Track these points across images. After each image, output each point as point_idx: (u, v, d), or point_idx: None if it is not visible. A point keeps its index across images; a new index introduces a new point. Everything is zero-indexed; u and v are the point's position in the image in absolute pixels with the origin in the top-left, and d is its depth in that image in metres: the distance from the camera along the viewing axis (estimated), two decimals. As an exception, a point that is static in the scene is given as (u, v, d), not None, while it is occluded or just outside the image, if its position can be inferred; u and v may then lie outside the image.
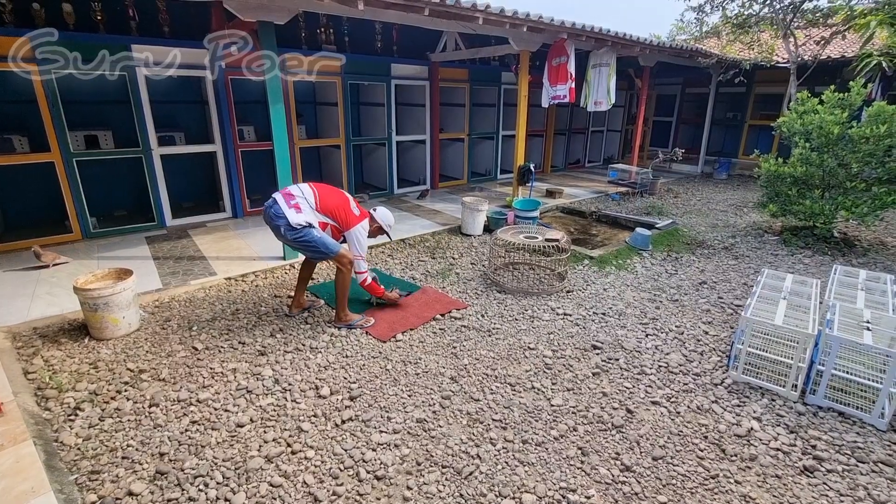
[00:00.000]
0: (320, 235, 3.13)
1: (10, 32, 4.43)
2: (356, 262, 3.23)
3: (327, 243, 3.14)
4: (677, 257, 4.91)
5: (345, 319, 3.33)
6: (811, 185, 5.35)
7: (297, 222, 3.06)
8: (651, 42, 7.37)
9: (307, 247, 3.14)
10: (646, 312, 3.62)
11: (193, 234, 5.34)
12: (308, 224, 3.09)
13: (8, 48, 4.43)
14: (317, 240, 3.10)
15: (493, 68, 8.55)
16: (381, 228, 3.49)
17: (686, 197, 8.00)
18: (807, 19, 8.37)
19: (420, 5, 4.46)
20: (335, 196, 3.26)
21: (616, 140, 12.34)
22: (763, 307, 2.91)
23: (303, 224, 3.06)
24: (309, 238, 3.09)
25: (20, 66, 4.47)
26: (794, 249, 5.18)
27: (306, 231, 3.08)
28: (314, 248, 3.12)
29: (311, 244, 3.11)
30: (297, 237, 3.09)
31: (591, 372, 2.80)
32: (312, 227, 3.11)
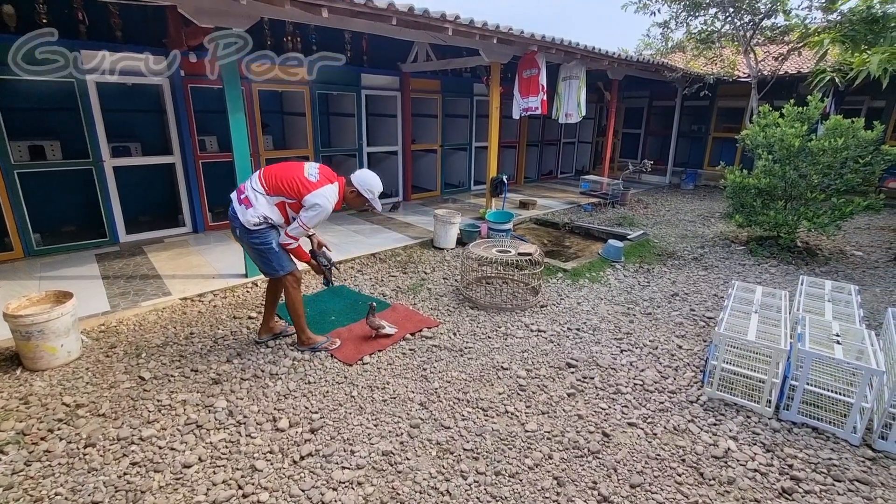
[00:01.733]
0: (278, 248, 2.84)
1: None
2: (290, 228, 2.79)
3: (281, 259, 2.87)
4: (649, 269, 4.91)
5: (307, 342, 3.11)
6: (774, 196, 5.47)
7: (250, 221, 2.73)
8: (619, 56, 7.50)
9: (261, 256, 2.84)
10: (620, 327, 3.56)
11: (149, 251, 5.03)
12: (265, 220, 2.75)
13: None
14: (273, 250, 2.82)
15: (466, 80, 8.54)
16: (359, 195, 2.91)
17: (656, 207, 8.12)
18: (765, 36, 8.69)
19: (388, 14, 4.36)
20: (285, 169, 2.83)
21: (587, 151, 12.53)
22: (735, 321, 2.89)
23: (258, 222, 2.74)
24: (266, 244, 2.80)
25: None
26: (761, 259, 5.27)
27: (265, 234, 2.79)
28: (266, 259, 2.84)
29: (265, 253, 2.82)
30: (254, 241, 2.79)
31: (567, 393, 2.70)
32: (273, 227, 2.83)
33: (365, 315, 3.46)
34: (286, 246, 2.83)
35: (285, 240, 2.80)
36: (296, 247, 2.85)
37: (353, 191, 2.89)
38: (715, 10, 8.50)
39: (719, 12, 8.46)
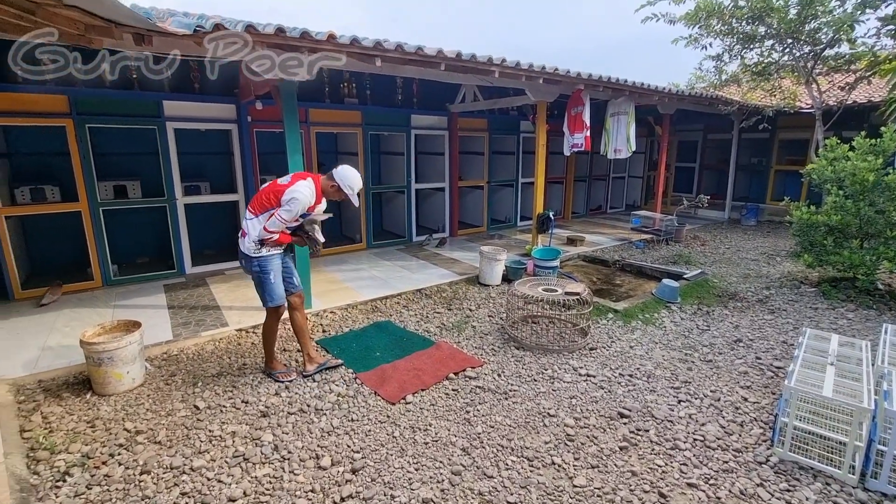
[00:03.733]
0: (275, 280, 3.06)
1: (51, 90, 4.72)
2: (269, 224, 2.93)
3: (273, 291, 3.07)
4: (708, 311, 4.62)
5: (270, 366, 3.30)
6: (848, 234, 5.05)
7: (250, 248, 3.00)
8: (669, 90, 7.38)
9: (258, 283, 3.08)
10: (677, 374, 3.34)
11: (211, 282, 5.35)
12: (258, 246, 2.98)
13: (49, 105, 4.72)
14: (269, 280, 3.04)
15: (512, 117, 8.68)
16: (339, 190, 3.05)
17: (714, 244, 7.71)
18: (829, 66, 8.27)
19: (437, 60, 4.56)
20: (262, 189, 3.08)
21: (638, 186, 12.21)
22: (808, 374, 2.63)
23: (253, 249, 2.99)
24: (265, 272, 3.03)
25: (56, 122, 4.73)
26: (836, 303, 4.82)
27: (265, 262, 3.02)
28: (262, 285, 3.07)
29: (262, 280, 3.04)
30: (255, 269, 3.04)
31: (619, 445, 2.53)
32: (271, 255, 3.03)
33: (410, 351, 3.49)
34: (266, 240, 2.97)
35: (264, 234, 2.94)
36: (277, 238, 2.99)
37: (334, 185, 3.04)
38: (771, 42, 8.22)
39: (776, 44, 8.17)
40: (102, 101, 5.00)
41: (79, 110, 4.84)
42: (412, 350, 3.63)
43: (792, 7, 7.46)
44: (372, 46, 4.07)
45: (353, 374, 3.31)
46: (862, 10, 7.11)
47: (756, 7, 7.65)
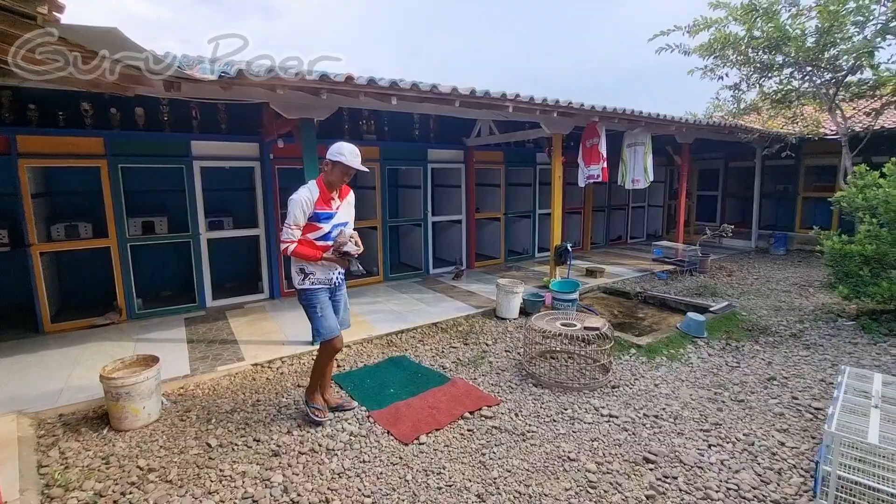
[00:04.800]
0: (321, 312, 2.97)
1: (89, 133, 5.00)
2: (282, 234, 2.90)
3: (321, 324, 2.97)
4: (738, 346, 4.40)
5: (309, 399, 3.19)
6: (886, 263, 4.81)
7: (294, 278, 2.99)
8: (686, 120, 7.35)
9: (308, 316, 3.04)
10: (706, 416, 3.15)
11: (230, 316, 5.41)
12: (300, 277, 2.95)
13: (87, 147, 4.99)
14: (316, 312, 2.97)
15: (528, 150, 8.75)
16: (334, 165, 2.87)
17: (741, 275, 7.45)
18: (852, 92, 8.12)
19: (451, 97, 4.66)
20: None
21: (659, 215, 12.03)
22: (850, 418, 2.44)
23: (296, 280, 2.97)
24: (311, 305, 2.97)
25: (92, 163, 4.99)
26: (877, 337, 4.54)
27: (310, 296, 2.97)
28: (311, 319, 3.02)
29: (310, 313, 3.00)
30: (303, 301, 3.03)
31: (645, 494, 2.37)
32: (315, 289, 2.96)
33: (425, 388, 3.41)
34: (284, 252, 2.87)
35: (281, 246, 2.89)
36: (294, 248, 2.85)
37: (328, 164, 2.90)
38: (790, 70, 8.15)
39: (795, 71, 8.10)
40: (135, 143, 5.27)
41: (113, 151, 5.10)
42: (427, 387, 3.54)
43: (809, 36, 7.43)
44: (388, 86, 4.19)
45: (366, 411, 3.23)
46: (882, 37, 7.02)
47: (772, 37, 7.64)
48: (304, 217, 2.86)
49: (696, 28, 8.69)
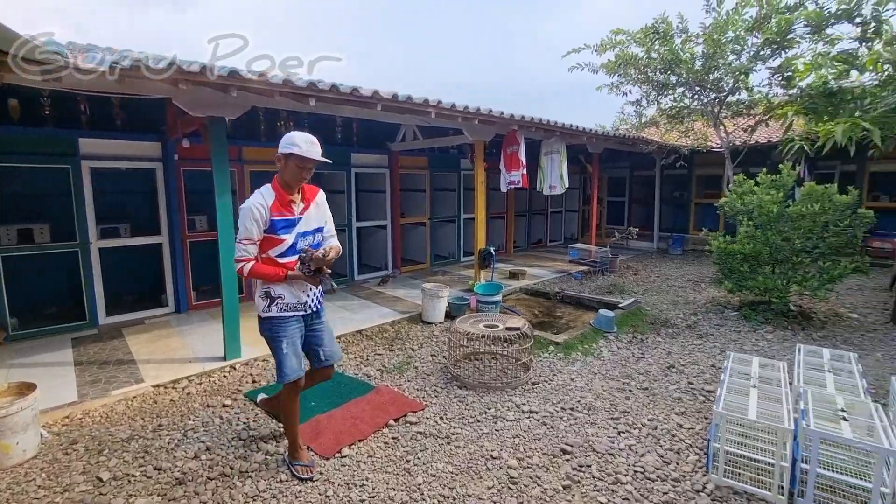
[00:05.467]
0: (287, 348, 2.43)
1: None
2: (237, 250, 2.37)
3: (284, 363, 2.42)
4: (643, 339, 4.79)
5: (294, 457, 2.62)
6: (761, 261, 5.50)
7: (256, 307, 2.50)
8: (596, 131, 7.91)
9: (271, 350, 2.53)
10: (616, 405, 3.38)
11: (128, 333, 4.87)
12: (265, 302, 2.41)
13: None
14: (280, 348, 2.43)
15: (453, 155, 8.90)
16: (287, 160, 2.34)
17: (645, 274, 8.14)
18: (732, 110, 9.26)
19: (373, 101, 4.61)
20: None
21: (575, 220, 12.82)
22: (734, 398, 2.74)
23: (261, 306, 2.45)
24: (274, 338, 2.45)
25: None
26: (756, 325, 5.18)
27: (273, 325, 2.44)
28: (273, 355, 2.50)
29: (272, 348, 2.48)
30: (264, 332, 2.51)
31: (562, 485, 2.48)
32: (282, 317, 2.44)
33: (348, 399, 3.29)
34: (239, 273, 2.36)
35: (237, 266, 2.35)
36: (251, 267, 2.34)
37: (280, 159, 2.36)
38: (682, 89, 9.12)
39: (686, 91, 9.07)
40: (7, 139, 4.58)
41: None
42: (350, 397, 3.44)
43: (697, 59, 8.37)
44: (305, 87, 4.04)
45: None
46: (754, 63, 8.09)
47: (667, 59, 8.50)
48: (259, 229, 2.34)
49: (602, 47, 9.43)
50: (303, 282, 2.44)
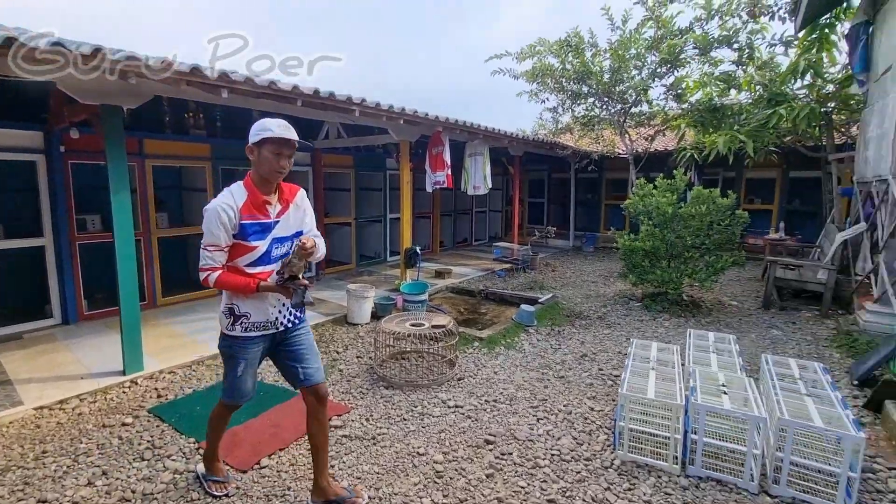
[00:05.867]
0: (242, 370, 2.18)
1: None
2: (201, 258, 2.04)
3: (233, 385, 2.20)
4: (560, 331, 5.10)
5: (207, 468, 2.45)
6: (659, 256, 6.10)
7: (219, 322, 2.19)
8: (516, 135, 8.27)
9: (225, 366, 2.25)
10: (535, 393, 3.57)
11: (2, 350, 4.23)
12: (228, 319, 2.11)
13: None
14: (235, 372, 2.18)
15: (378, 155, 8.82)
16: (259, 150, 2.02)
17: (562, 270, 8.67)
18: (635, 121, 10.17)
19: (292, 96, 4.43)
20: None
21: (498, 219, 13.29)
22: (636, 380, 3.02)
23: (224, 323, 2.14)
24: (231, 355, 2.17)
25: None
26: (655, 314, 5.73)
27: (233, 345, 2.15)
28: (225, 373, 2.24)
29: (225, 365, 2.23)
30: (220, 347, 2.22)
31: (485, 473, 2.57)
32: (246, 337, 2.13)
33: (267, 407, 3.14)
34: (204, 283, 2.02)
35: (201, 275, 2.03)
36: (217, 277, 2.01)
37: (252, 150, 2.04)
38: (593, 99, 9.85)
39: (596, 101, 9.81)
40: None
41: None
42: (270, 405, 3.29)
43: (606, 72, 9.08)
44: (216, 77, 3.79)
45: (195, 443, 2.85)
46: (653, 79, 8.95)
47: (579, 70, 9.14)
48: (227, 234, 1.99)
49: (522, 55, 9.89)
50: (276, 294, 2.11)
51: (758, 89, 8.22)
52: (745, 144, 7.32)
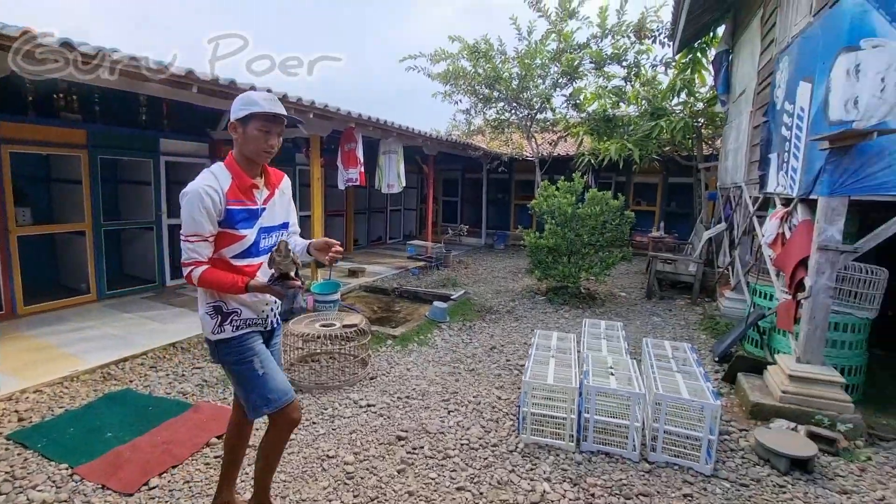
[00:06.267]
0: (263, 367, 1.87)
1: None
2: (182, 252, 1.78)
3: (266, 386, 1.86)
4: (471, 326, 5.29)
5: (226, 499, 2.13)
6: (561, 252, 6.59)
7: (204, 331, 1.90)
8: (430, 135, 8.39)
9: (238, 379, 1.92)
10: (447, 387, 3.67)
11: None
12: (215, 320, 1.84)
13: None
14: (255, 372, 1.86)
15: (287, 149, 8.40)
16: (243, 127, 1.79)
17: (474, 267, 8.98)
18: (541, 126, 10.84)
19: (187, 82, 4.08)
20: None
21: (413, 218, 13.37)
22: (539, 368, 3.25)
23: (210, 326, 1.85)
24: (242, 360, 1.87)
25: None
26: (557, 306, 6.18)
27: (233, 347, 1.86)
28: (245, 383, 1.89)
29: (243, 374, 1.88)
30: (223, 359, 1.91)
31: (396, 470, 2.60)
32: (241, 335, 1.87)
33: (158, 422, 2.87)
34: (188, 280, 1.77)
35: (184, 271, 1.76)
36: (202, 274, 1.75)
37: (236, 127, 1.80)
38: (502, 104, 10.31)
39: (506, 105, 10.29)
40: None
41: None
42: (161, 420, 3.00)
43: (514, 79, 9.55)
44: (94, 54, 3.36)
45: (67, 469, 2.51)
46: (554, 89, 9.61)
47: (489, 76, 9.51)
48: (212, 222, 1.75)
49: (436, 57, 10.06)
50: (265, 293, 1.85)
51: (643, 103, 9.22)
52: (633, 152, 8.17)
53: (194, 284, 1.78)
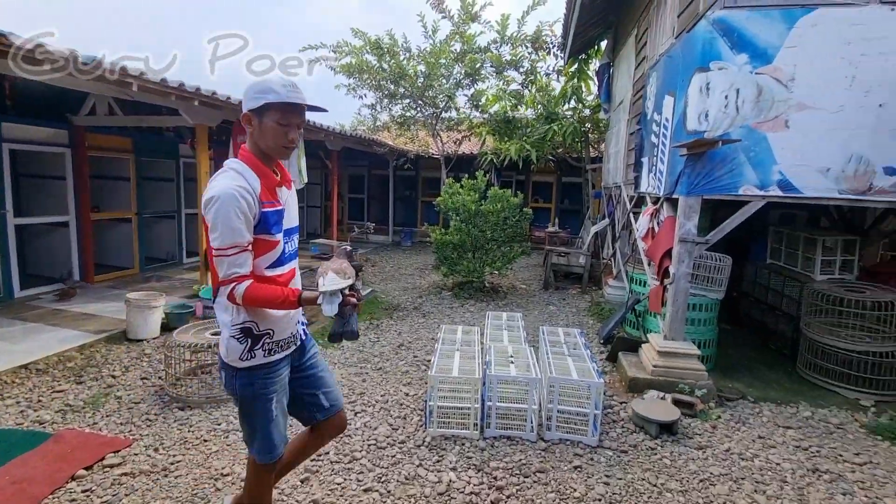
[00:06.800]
0: (276, 410, 1.69)
1: None
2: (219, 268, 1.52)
3: (269, 433, 1.69)
4: (378, 324, 5.24)
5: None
6: (465, 248, 6.80)
7: (225, 356, 1.64)
8: (334, 130, 8.12)
9: (245, 413, 1.71)
10: (354, 388, 3.60)
11: None
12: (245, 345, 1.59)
13: None
14: (268, 414, 1.67)
15: (168, 139, 7.56)
16: (259, 117, 1.53)
17: (381, 265, 8.91)
18: (446, 125, 11.05)
19: (37, 58, 3.46)
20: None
21: (317, 215, 12.85)
22: (444, 362, 3.32)
23: (237, 352, 1.59)
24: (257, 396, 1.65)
25: None
26: (463, 301, 6.38)
27: (254, 379, 1.63)
28: (250, 418, 1.69)
29: (253, 410, 1.67)
30: (237, 390, 1.66)
31: (300, 480, 2.49)
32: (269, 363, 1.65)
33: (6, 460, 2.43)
34: (231, 300, 1.52)
35: (223, 290, 1.51)
36: (247, 290, 1.49)
37: (249, 119, 1.55)
38: (408, 101, 10.33)
39: (411, 102, 10.32)
40: None
41: None
42: (11, 456, 2.54)
43: (419, 77, 9.61)
44: None
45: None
46: (457, 89, 9.87)
47: (394, 72, 9.46)
48: (249, 228, 1.50)
49: (339, 49, 9.75)
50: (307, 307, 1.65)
51: (539, 108, 9.86)
52: (531, 153, 8.70)
53: (237, 304, 1.54)
